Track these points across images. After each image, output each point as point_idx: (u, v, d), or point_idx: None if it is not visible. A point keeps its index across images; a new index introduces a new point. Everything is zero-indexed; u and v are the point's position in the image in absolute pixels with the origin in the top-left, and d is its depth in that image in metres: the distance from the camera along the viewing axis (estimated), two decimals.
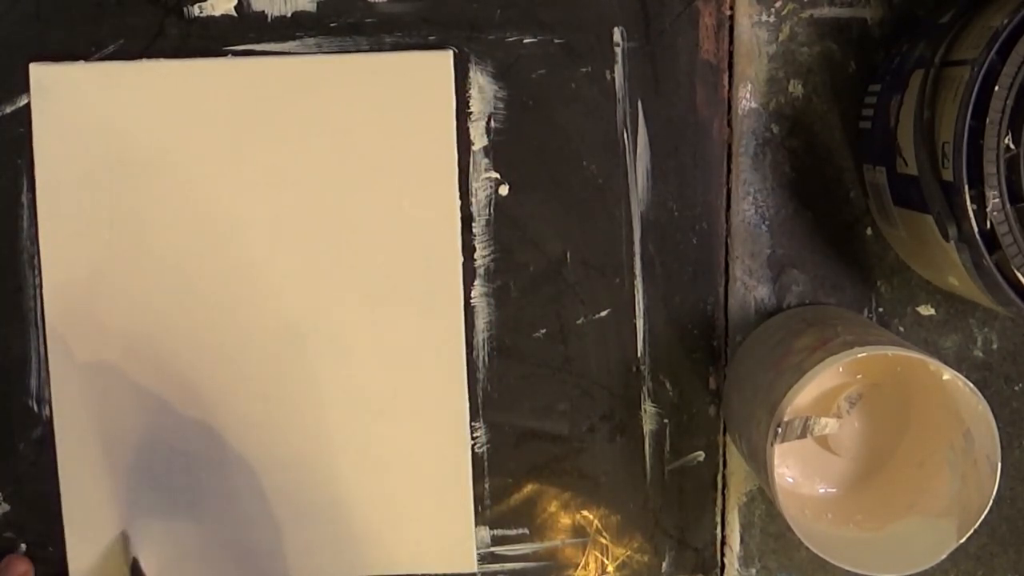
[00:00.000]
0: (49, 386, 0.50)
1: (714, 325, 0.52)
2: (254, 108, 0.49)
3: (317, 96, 0.49)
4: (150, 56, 0.49)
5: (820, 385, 0.49)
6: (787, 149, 0.51)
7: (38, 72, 0.49)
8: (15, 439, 0.51)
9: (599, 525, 0.53)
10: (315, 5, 0.49)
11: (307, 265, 0.50)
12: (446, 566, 0.52)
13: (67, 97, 0.49)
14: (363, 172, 0.50)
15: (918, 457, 0.48)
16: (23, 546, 0.52)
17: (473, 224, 0.50)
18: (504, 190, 0.50)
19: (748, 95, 0.50)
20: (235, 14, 0.49)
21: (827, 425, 0.48)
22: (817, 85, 0.50)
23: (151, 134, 0.49)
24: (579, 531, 0.53)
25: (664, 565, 0.53)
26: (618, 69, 0.50)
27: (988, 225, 0.40)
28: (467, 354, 0.51)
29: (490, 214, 0.50)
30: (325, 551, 0.52)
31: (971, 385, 0.43)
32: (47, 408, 0.51)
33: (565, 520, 0.53)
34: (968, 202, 0.40)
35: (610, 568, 0.53)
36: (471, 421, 0.51)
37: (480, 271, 0.51)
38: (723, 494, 0.53)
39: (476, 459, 0.52)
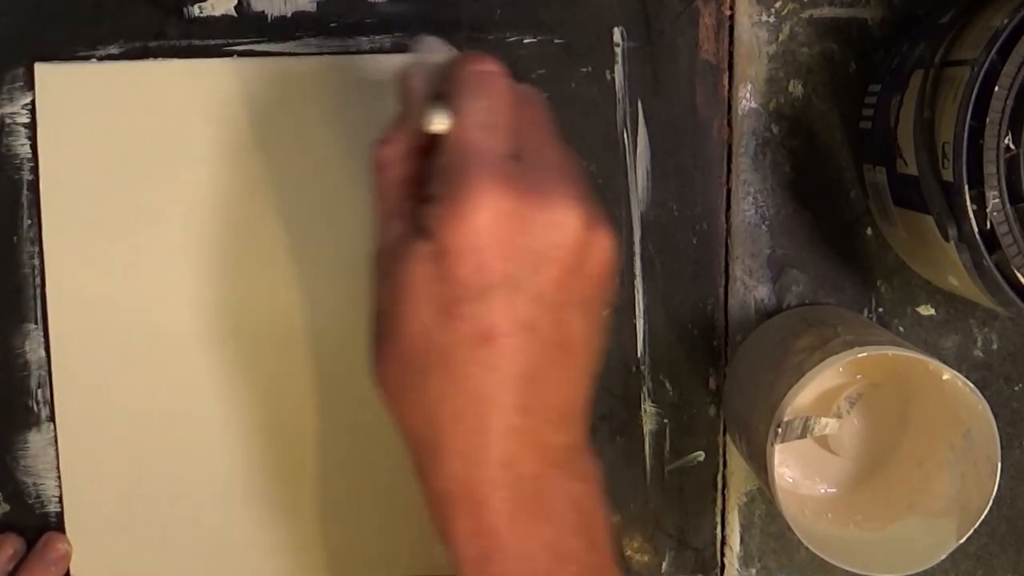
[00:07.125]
0: (49, 386, 0.50)
1: (714, 325, 0.52)
2: (254, 108, 0.49)
3: (317, 96, 0.49)
4: (150, 56, 0.49)
5: (820, 385, 0.49)
6: (787, 149, 0.51)
7: (43, 71, 0.49)
8: (15, 439, 0.51)
9: None
10: (315, 5, 0.49)
11: (307, 265, 0.50)
12: (446, 567, 0.52)
13: (71, 96, 0.49)
14: (364, 172, 0.50)
15: (918, 457, 0.48)
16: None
17: None
18: None
19: (748, 95, 0.50)
20: (235, 14, 0.49)
21: (827, 425, 0.48)
22: (817, 85, 0.50)
23: (152, 134, 0.49)
24: None
25: (664, 565, 0.53)
26: (618, 69, 0.50)
27: (988, 225, 0.40)
28: None
29: None
30: (324, 551, 0.52)
31: (971, 385, 0.43)
32: (47, 408, 0.50)
33: None
34: (968, 202, 0.40)
35: None
36: None
37: None
38: (723, 494, 0.53)
39: None
